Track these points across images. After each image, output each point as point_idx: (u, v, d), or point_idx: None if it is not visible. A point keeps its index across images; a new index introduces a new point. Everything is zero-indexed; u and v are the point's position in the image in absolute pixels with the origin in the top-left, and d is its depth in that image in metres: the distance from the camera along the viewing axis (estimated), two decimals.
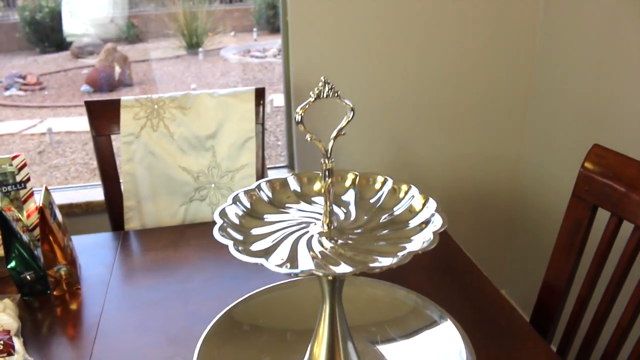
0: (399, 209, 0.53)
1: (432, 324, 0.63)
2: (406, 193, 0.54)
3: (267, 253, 0.46)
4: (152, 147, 1.28)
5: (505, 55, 1.62)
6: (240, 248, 0.45)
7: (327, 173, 0.49)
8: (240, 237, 0.48)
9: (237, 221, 0.51)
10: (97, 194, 1.59)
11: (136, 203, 1.29)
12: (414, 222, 0.51)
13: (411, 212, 0.52)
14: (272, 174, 1.66)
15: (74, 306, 0.97)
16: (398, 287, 0.67)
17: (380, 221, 0.52)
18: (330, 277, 0.47)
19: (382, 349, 0.61)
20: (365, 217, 0.53)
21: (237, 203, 0.54)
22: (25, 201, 1.06)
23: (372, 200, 0.54)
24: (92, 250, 1.14)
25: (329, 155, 0.49)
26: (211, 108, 1.30)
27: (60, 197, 1.58)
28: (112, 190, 1.31)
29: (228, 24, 5.77)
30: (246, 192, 0.55)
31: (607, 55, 1.33)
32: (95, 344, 0.87)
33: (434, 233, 0.46)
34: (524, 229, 1.77)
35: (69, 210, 1.55)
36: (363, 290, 0.67)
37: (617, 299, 0.86)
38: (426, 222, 0.48)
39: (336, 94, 0.49)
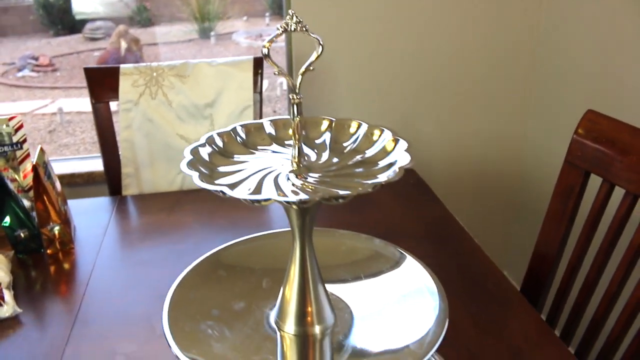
0: (370, 151, 0.53)
1: (398, 264, 0.63)
2: (379, 136, 0.54)
3: (233, 186, 0.46)
4: (150, 115, 1.29)
5: (509, 31, 1.60)
6: (204, 180, 0.45)
7: (295, 108, 0.49)
8: (206, 172, 0.48)
9: (207, 158, 0.52)
10: (98, 164, 1.60)
11: (134, 170, 1.30)
12: (383, 162, 0.51)
13: (382, 153, 0.52)
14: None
15: (66, 264, 0.98)
16: (377, 240, 0.67)
17: (351, 162, 0.52)
18: (294, 207, 0.47)
19: (353, 291, 0.62)
20: (337, 159, 0.53)
21: (211, 144, 0.54)
22: (21, 162, 1.07)
23: (345, 144, 0.54)
24: (88, 213, 1.15)
25: (297, 91, 0.49)
26: (210, 77, 1.30)
27: (63, 167, 1.59)
28: (110, 157, 1.32)
29: (240, 9, 5.77)
30: (220, 134, 0.55)
31: (611, 31, 1.31)
32: (84, 298, 0.88)
33: (400, 168, 0.46)
34: (527, 209, 1.75)
35: (71, 180, 1.56)
36: (343, 243, 0.67)
37: (607, 266, 0.85)
38: (394, 162, 0.48)
39: (304, 28, 0.48)
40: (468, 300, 0.84)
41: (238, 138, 0.56)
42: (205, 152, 0.53)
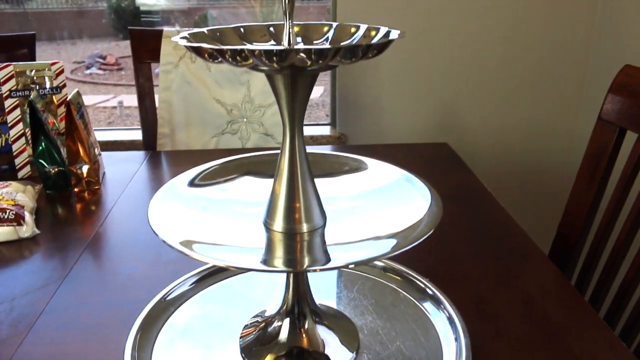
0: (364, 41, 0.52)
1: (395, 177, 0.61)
2: (377, 32, 0.53)
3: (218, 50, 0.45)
4: (189, 78, 1.31)
5: (563, 22, 1.55)
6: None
7: None
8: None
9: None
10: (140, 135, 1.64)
11: (169, 131, 1.33)
12: (373, 40, 0.50)
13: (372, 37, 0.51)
14: (313, 130, 1.66)
15: (90, 202, 1.00)
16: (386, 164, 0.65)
17: (341, 44, 0.51)
18: (277, 68, 0.45)
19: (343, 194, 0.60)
20: (329, 46, 0.51)
21: (214, 32, 0.55)
22: (59, 106, 1.11)
23: (344, 42, 0.53)
24: (120, 162, 1.18)
25: None
26: None
27: (107, 135, 1.65)
28: (147, 118, 1.35)
29: (301, 19, 5.84)
30: (221, 29, 0.55)
31: None
32: (100, 229, 0.90)
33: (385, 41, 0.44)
34: None
35: (113, 146, 1.61)
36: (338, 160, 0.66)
37: (639, 228, 0.80)
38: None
39: None
40: (483, 253, 0.81)
41: (238, 32, 0.56)
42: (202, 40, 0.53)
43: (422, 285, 0.70)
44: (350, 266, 0.44)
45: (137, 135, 1.65)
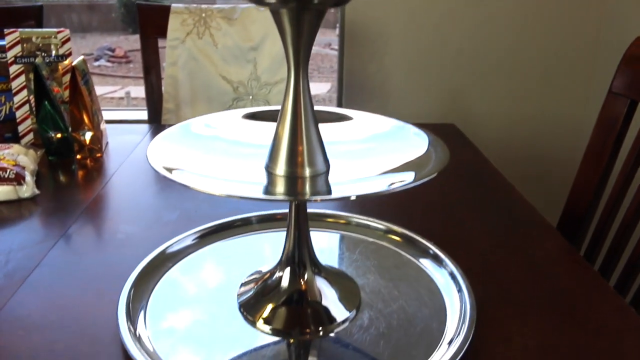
0: None
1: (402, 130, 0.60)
2: None
3: None
4: (195, 54, 1.30)
5: (573, 9, 1.53)
6: None
7: None
8: None
9: None
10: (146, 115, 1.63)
11: (174, 106, 1.32)
12: None
13: None
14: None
15: (91, 169, 0.99)
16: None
17: None
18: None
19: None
20: None
21: None
22: (64, 74, 1.10)
23: None
24: (125, 134, 1.17)
25: None
26: (257, 21, 1.31)
27: (113, 115, 1.64)
28: (153, 93, 1.34)
29: None
30: None
31: None
32: (100, 193, 0.89)
33: None
34: None
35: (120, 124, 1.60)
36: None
37: None
38: None
39: None
40: (490, 223, 0.79)
41: None
42: None
43: (426, 247, 0.68)
44: (353, 197, 0.42)
45: (142, 115, 1.64)
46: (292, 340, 0.54)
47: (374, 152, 0.57)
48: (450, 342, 0.53)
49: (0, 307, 0.59)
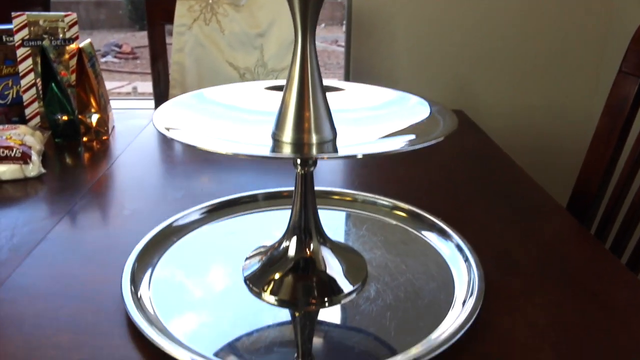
0: None
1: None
2: None
3: None
4: (202, 40, 1.30)
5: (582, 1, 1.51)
6: None
7: None
8: None
9: None
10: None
11: (181, 92, 1.31)
12: None
13: None
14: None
15: (97, 150, 0.99)
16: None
17: None
18: None
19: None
20: None
21: None
22: (71, 58, 1.10)
23: None
24: (131, 118, 1.17)
25: None
26: (263, 7, 1.30)
27: (121, 104, 1.64)
28: (159, 80, 1.34)
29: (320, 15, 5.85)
30: None
31: None
32: (106, 173, 0.88)
33: None
34: None
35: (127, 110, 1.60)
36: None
37: None
38: None
39: None
40: (498, 203, 0.78)
41: None
42: None
43: (432, 222, 0.68)
44: (359, 156, 0.42)
45: (149, 105, 1.65)
46: (297, 312, 0.53)
47: (381, 120, 0.57)
48: (458, 314, 0.52)
49: (5, 277, 0.59)
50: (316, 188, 0.65)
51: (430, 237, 0.66)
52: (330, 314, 0.53)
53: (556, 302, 0.56)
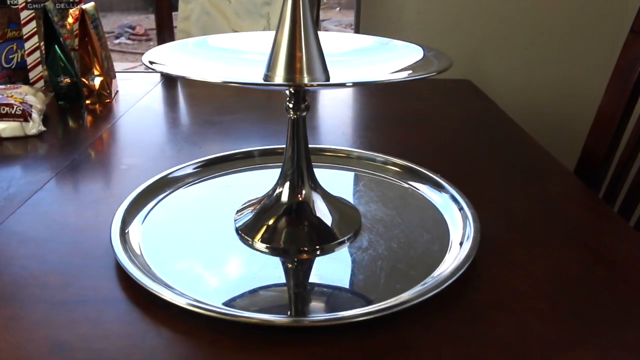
0: None
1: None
2: None
3: None
4: (208, 8, 1.29)
5: None
6: None
7: None
8: None
9: None
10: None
11: None
12: None
13: None
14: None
15: (100, 113, 0.98)
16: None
17: None
18: None
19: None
20: None
21: None
22: (75, 21, 1.09)
23: None
24: (135, 83, 1.16)
25: None
26: None
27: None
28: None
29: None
30: None
31: None
32: (107, 132, 0.88)
33: None
34: None
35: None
36: None
37: None
38: None
39: None
40: (503, 164, 0.76)
41: None
42: None
43: (430, 178, 0.66)
44: (349, 84, 0.41)
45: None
46: (287, 259, 0.53)
47: (376, 61, 0.55)
48: (450, 263, 0.51)
49: None
50: (310, 145, 0.63)
51: (428, 192, 0.65)
52: (321, 262, 0.52)
53: (555, 255, 0.54)
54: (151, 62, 0.47)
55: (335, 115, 0.99)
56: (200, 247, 0.55)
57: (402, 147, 0.82)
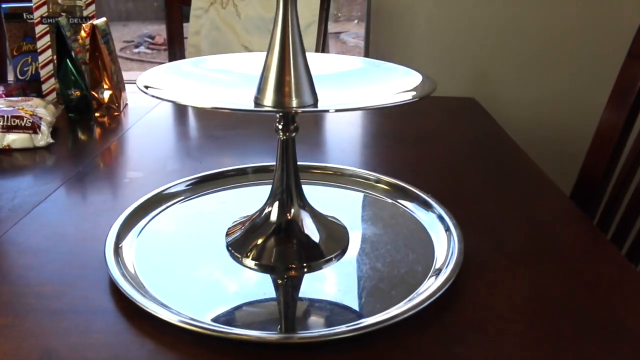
0: None
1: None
2: None
3: None
4: (218, 23, 1.32)
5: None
6: None
7: None
8: None
9: None
10: None
11: None
12: None
13: None
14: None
15: (108, 126, 1.01)
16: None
17: None
18: None
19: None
20: None
21: None
22: (87, 36, 1.12)
23: None
24: (144, 96, 1.19)
25: None
26: None
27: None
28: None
29: (352, 11, 5.87)
30: None
31: None
32: (113, 146, 0.91)
33: None
34: None
35: None
36: None
37: None
38: None
39: None
40: (495, 184, 0.77)
41: None
42: None
43: (422, 199, 0.67)
44: (332, 111, 0.42)
45: None
46: (275, 277, 0.54)
47: (362, 85, 0.57)
48: (431, 284, 0.52)
49: (1, 234, 0.61)
50: (301, 163, 0.65)
51: (417, 211, 0.66)
52: (308, 280, 0.54)
53: (538, 278, 0.55)
54: (146, 87, 0.49)
55: (336, 132, 1.01)
56: (191, 263, 0.56)
57: (398, 164, 0.84)
